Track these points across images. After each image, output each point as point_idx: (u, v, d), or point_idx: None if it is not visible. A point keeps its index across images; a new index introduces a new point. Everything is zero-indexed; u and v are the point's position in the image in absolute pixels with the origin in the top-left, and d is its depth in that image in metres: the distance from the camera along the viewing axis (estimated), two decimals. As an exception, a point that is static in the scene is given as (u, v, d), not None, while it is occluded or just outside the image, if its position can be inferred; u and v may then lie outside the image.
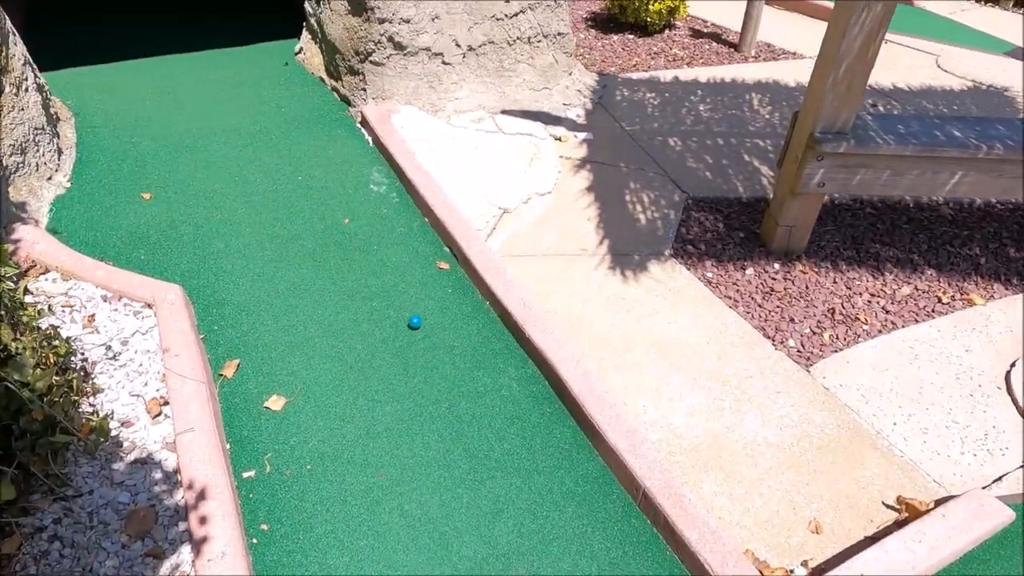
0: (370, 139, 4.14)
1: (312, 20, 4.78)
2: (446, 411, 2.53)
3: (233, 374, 2.60)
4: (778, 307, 3.08)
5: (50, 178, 3.51)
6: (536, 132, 4.28)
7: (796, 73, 5.37)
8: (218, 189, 3.61)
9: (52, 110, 3.83)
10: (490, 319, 2.97)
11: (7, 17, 3.53)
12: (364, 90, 4.28)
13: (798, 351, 2.87)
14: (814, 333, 2.95)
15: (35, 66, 3.75)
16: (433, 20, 4.20)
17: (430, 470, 2.31)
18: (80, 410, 2.19)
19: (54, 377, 1.97)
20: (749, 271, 3.28)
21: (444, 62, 4.33)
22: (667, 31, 6.03)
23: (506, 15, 4.42)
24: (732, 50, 5.76)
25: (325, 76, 4.73)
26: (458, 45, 4.33)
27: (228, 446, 2.34)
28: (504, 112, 4.45)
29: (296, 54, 5.09)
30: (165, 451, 2.19)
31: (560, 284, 3.15)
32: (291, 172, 3.80)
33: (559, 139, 4.25)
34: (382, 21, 4.06)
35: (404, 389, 2.60)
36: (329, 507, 2.18)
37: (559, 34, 4.71)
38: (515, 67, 4.59)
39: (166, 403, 2.33)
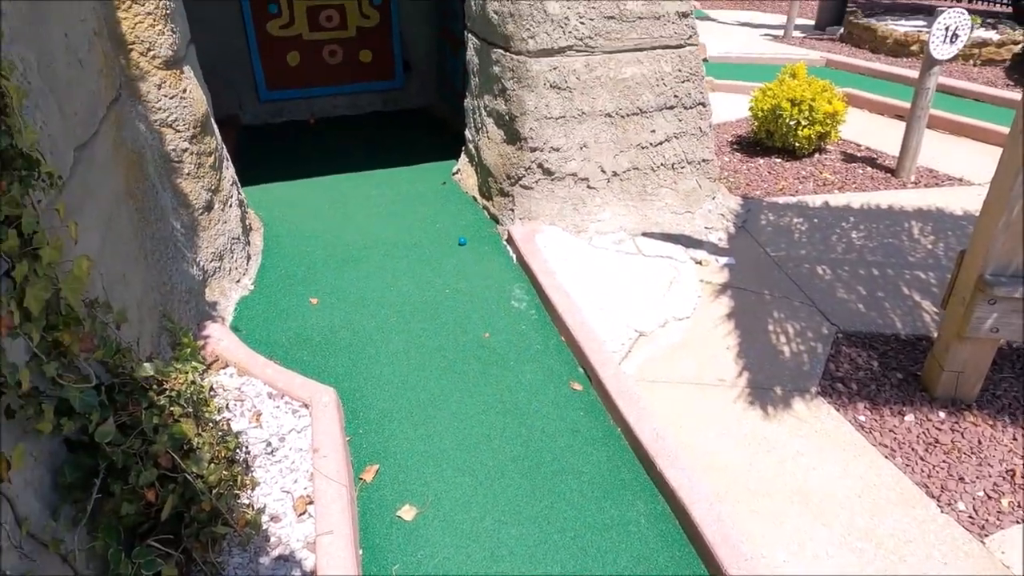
0: (514, 256, 4.37)
1: (470, 145, 5.24)
2: (571, 542, 2.48)
3: (372, 479, 2.74)
4: (944, 462, 2.78)
5: (238, 281, 4.01)
6: (676, 255, 4.32)
7: (963, 201, 5.05)
8: (375, 297, 3.95)
9: (247, 221, 4.44)
10: (621, 447, 2.93)
11: (224, 145, 4.21)
12: (512, 210, 4.57)
13: (970, 517, 2.55)
14: (989, 497, 2.62)
15: (239, 184, 4.41)
16: (581, 148, 4.47)
17: (551, 604, 2.26)
18: (239, 501, 2.40)
19: (224, 472, 2.19)
20: (908, 418, 3.02)
21: (589, 186, 4.55)
22: (817, 155, 5.95)
23: (651, 143, 4.60)
24: (889, 175, 5.55)
25: (477, 195, 5.12)
26: (603, 171, 4.55)
27: (361, 552, 2.44)
28: (645, 234, 4.55)
29: (453, 174, 5.57)
30: (305, 550, 2.32)
31: (695, 415, 3.06)
32: (440, 284, 4.08)
33: (700, 263, 4.25)
34: (534, 149, 4.37)
35: (530, 512, 2.60)
36: (449, 630, 2.18)
37: (703, 160, 4.81)
38: (658, 191, 4.71)
39: (311, 502, 2.49)
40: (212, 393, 2.88)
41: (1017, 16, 9.86)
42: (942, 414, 3.03)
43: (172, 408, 2.09)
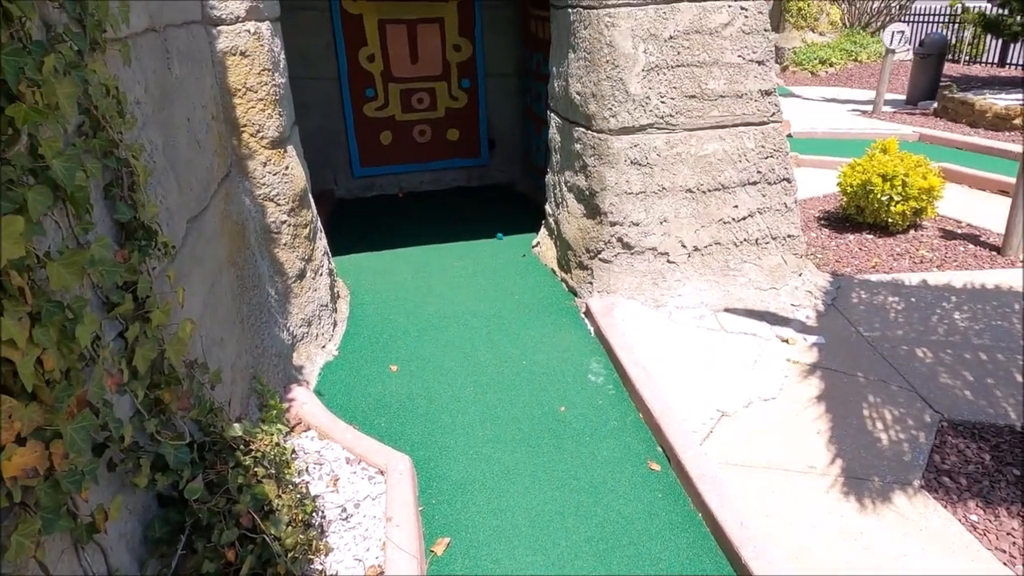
0: (592, 330, 4.34)
1: (550, 219, 5.34)
2: (647, 634, 2.34)
3: (443, 552, 2.70)
4: (1075, 574, 2.47)
5: (324, 346, 4.17)
6: (761, 332, 4.17)
7: (1081, 282, 4.68)
8: (452, 367, 4.00)
9: (335, 289, 4.64)
10: (701, 534, 2.77)
11: (318, 217, 4.47)
12: (591, 283, 4.58)
13: (1110, 641, 2.24)
14: None
15: (329, 253, 4.64)
16: (661, 223, 4.47)
17: None
18: (312, 566, 2.41)
19: (300, 535, 2.22)
20: (1029, 520, 2.72)
21: (669, 261, 4.51)
22: (912, 232, 5.69)
23: (734, 219, 4.55)
24: (994, 253, 5.23)
25: (556, 268, 5.17)
26: (684, 246, 4.51)
27: (428, 629, 2.38)
28: (727, 310, 4.43)
29: (533, 247, 5.66)
30: (374, 623, 2.29)
31: (782, 504, 2.88)
32: (517, 355, 4.10)
33: (786, 341, 4.08)
34: (614, 224, 4.41)
35: (604, 599, 2.48)
36: None
37: (789, 236, 4.70)
38: (741, 267, 4.62)
39: (382, 573, 2.47)
40: (293, 455, 2.95)
41: None
42: (1070, 518, 2.71)
43: (256, 468, 2.16)
